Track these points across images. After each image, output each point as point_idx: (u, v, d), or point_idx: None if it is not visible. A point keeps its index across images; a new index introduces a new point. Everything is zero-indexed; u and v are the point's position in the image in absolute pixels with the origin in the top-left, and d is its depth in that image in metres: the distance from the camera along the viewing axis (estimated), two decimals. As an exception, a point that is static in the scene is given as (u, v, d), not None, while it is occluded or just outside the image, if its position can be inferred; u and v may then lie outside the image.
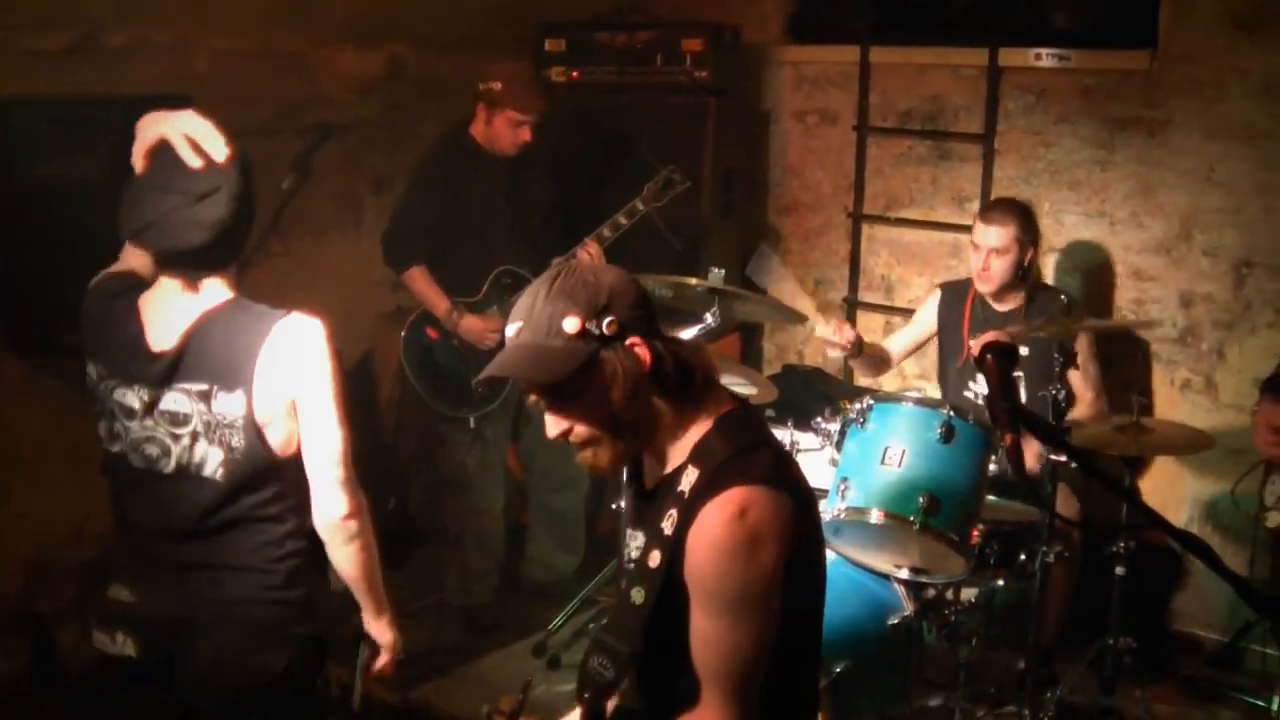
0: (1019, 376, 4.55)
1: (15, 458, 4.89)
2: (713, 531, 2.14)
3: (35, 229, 4.46)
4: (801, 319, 5.00)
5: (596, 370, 2.20)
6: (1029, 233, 4.56)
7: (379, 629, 3.09)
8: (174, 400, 2.70)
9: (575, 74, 5.78)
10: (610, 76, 5.71)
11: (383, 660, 3.12)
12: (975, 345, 2.20)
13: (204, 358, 2.67)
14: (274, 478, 2.74)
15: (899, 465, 3.73)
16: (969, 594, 4.14)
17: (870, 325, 5.85)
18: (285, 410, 2.67)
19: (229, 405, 2.65)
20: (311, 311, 2.77)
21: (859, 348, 4.59)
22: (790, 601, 2.21)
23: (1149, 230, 5.10)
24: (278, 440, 2.69)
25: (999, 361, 2.14)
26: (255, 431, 2.66)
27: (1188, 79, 4.93)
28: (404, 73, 5.77)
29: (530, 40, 5.90)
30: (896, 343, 4.98)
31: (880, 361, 4.89)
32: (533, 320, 2.21)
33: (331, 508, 2.76)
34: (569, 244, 4.93)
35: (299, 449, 2.73)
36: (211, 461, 2.70)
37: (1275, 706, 4.34)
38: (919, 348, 4.99)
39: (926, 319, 4.89)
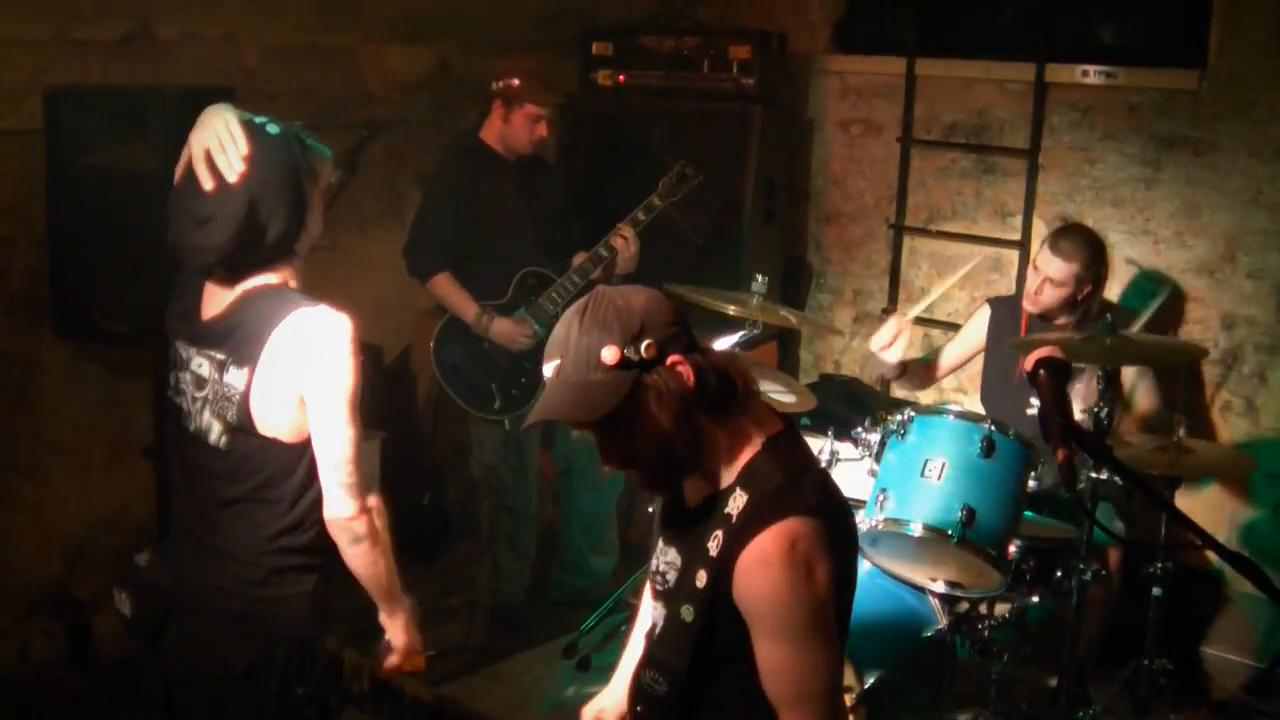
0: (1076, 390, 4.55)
1: (57, 442, 4.95)
2: (767, 563, 2.17)
3: (84, 217, 4.49)
4: (838, 331, 5.01)
5: (642, 396, 2.20)
6: (1093, 269, 4.47)
7: (392, 630, 3.08)
8: (199, 363, 2.75)
9: (622, 78, 5.80)
10: (657, 81, 5.74)
11: (391, 661, 3.11)
12: (1028, 360, 2.19)
13: (229, 330, 2.70)
14: (269, 461, 2.71)
15: (938, 478, 3.74)
16: (1003, 609, 4.14)
17: (910, 337, 5.83)
18: (293, 401, 2.65)
19: (235, 379, 2.66)
20: (346, 308, 2.78)
21: (903, 369, 4.61)
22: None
23: (1193, 250, 5.08)
24: (275, 426, 2.66)
25: (1052, 377, 2.15)
26: (246, 410, 2.65)
27: (1236, 99, 4.90)
28: (450, 72, 5.81)
29: (577, 43, 5.93)
30: (943, 358, 4.95)
31: (923, 379, 4.89)
32: (570, 356, 2.20)
33: (336, 507, 2.72)
34: (589, 242, 4.95)
35: (307, 441, 2.69)
36: (214, 430, 2.73)
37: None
38: (964, 363, 4.97)
39: (975, 334, 4.86)
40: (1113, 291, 5.00)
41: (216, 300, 2.76)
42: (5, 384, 4.79)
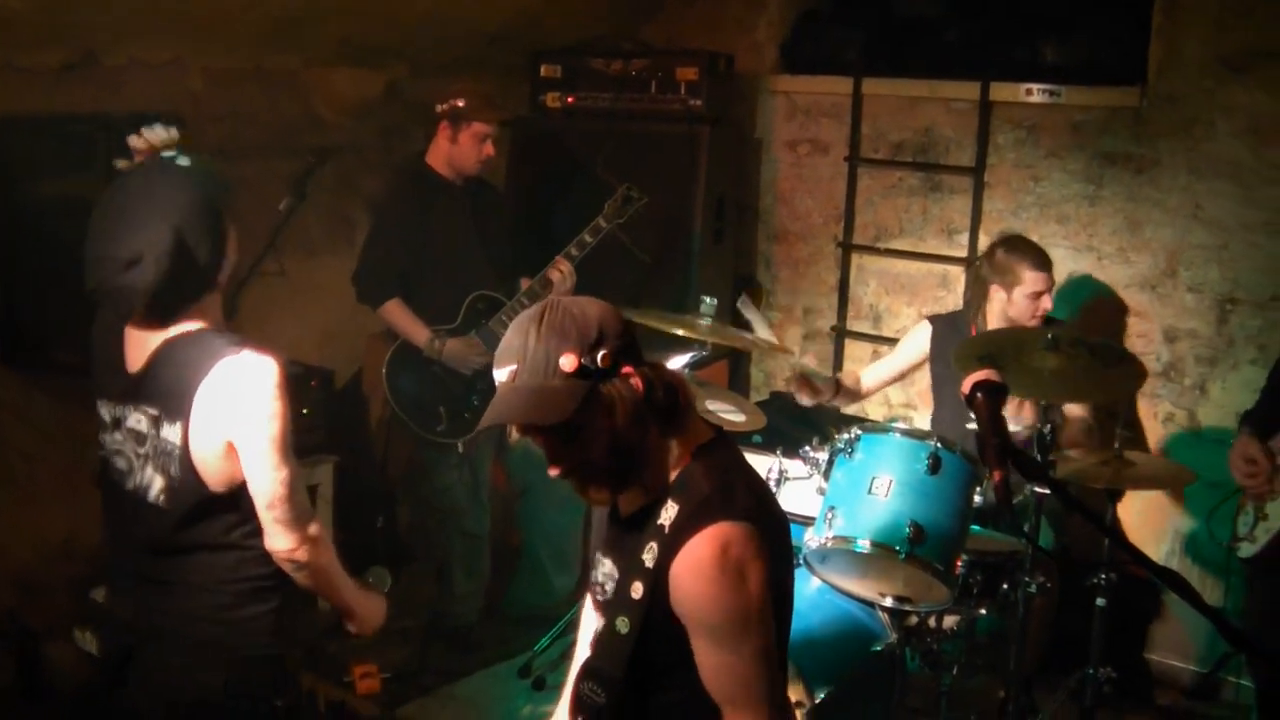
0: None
1: (6, 471, 4.92)
2: (700, 568, 2.22)
3: (30, 245, 4.49)
4: (787, 351, 5.06)
5: (597, 404, 2.25)
6: None
7: (355, 625, 3.13)
8: (136, 420, 2.74)
9: (570, 99, 5.83)
10: (605, 103, 5.76)
11: (353, 627, 3.14)
12: (965, 383, 2.24)
13: (158, 383, 2.70)
14: (222, 509, 2.73)
15: (886, 495, 3.77)
16: (951, 621, 4.18)
17: (858, 354, 5.91)
18: (222, 449, 2.65)
19: (170, 434, 2.67)
20: (295, 333, 2.80)
21: (834, 391, 4.70)
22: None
23: (1135, 266, 5.17)
24: (215, 476, 2.68)
25: (989, 399, 2.20)
26: (189, 464, 2.66)
27: (1176, 117, 4.99)
28: (399, 95, 5.82)
29: (525, 65, 5.95)
30: (873, 375, 5.03)
31: (853, 395, 4.97)
32: (527, 362, 2.24)
33: (275, 542, 2.73)
34: (537, 265, 4.98)
35: (241, 486, 2.71)
36: (155, 487, 2.73)
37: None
38: (898, 379, 5.04)
39: (912, 351, 4.93)
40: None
41: (140, 348, 2.75)
42: (-47, 414, 4.77)
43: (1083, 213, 5.27)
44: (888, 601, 3.95)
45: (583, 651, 2.73)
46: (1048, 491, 3.91)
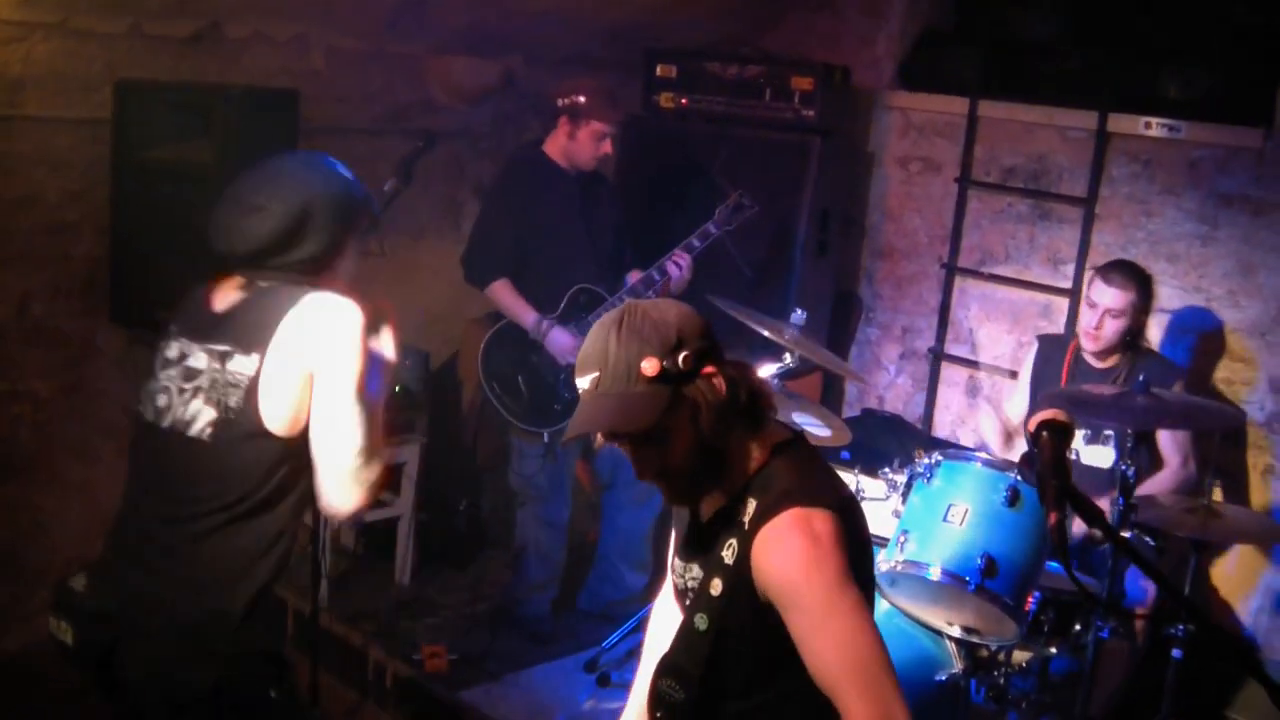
0: (1109, 436, 4.53)
1: (108, 422, 5.07)
2: (781, 540, 2.21)
3: (145, 207, 4.62)
4: (859, 378, 5.04)
5: (680, 407, 2.25)
6: (1145, 300, 4.55)
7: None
8: (198, 357, 2.77)
9: (684, 101, 5.84)
10: (718, 107, 5.77)
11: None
12: (1031, 421, 2.21)
13: (236, 324, 2.75)
14: (266, 453, 2.68)
15: (961, 524, 3.73)
16: (1021, 657, 4.12)
17: (953, 377, 5.84)
18: (299, 381, 2.65)
19: (241, 365, 2.68)
20: (384, 303, 2.86)
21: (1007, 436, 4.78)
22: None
23: (1245, 311, 5.04)
24: (278, 411, 2.66)
25: (1053, 438, 2.17)
26: (254, 394, 2.65)
27: (1300, 161, 4.87)
28: (514, 85, 5.87)
29: (640, 64, 5.98)
30: (1016, 408, 4.95)
31: (1017, 431, 4.91)
32: (609, 368, 2.24)
33: (337, 499, 2.72)
34: (641, 262, 5.00)
35: (301, 436, 2.68)
36: (200, 420, 2.70)
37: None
38: None
39: (1029, 371, 4.88)
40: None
41: (228, 294, 2.83)
42: (61, 364, 4.92)
43: (1194, 252, 5.15)
44: (955, 631, 3.91)
45: (652, 650, 2.74)
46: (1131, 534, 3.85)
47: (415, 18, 5.15)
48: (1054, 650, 4.00)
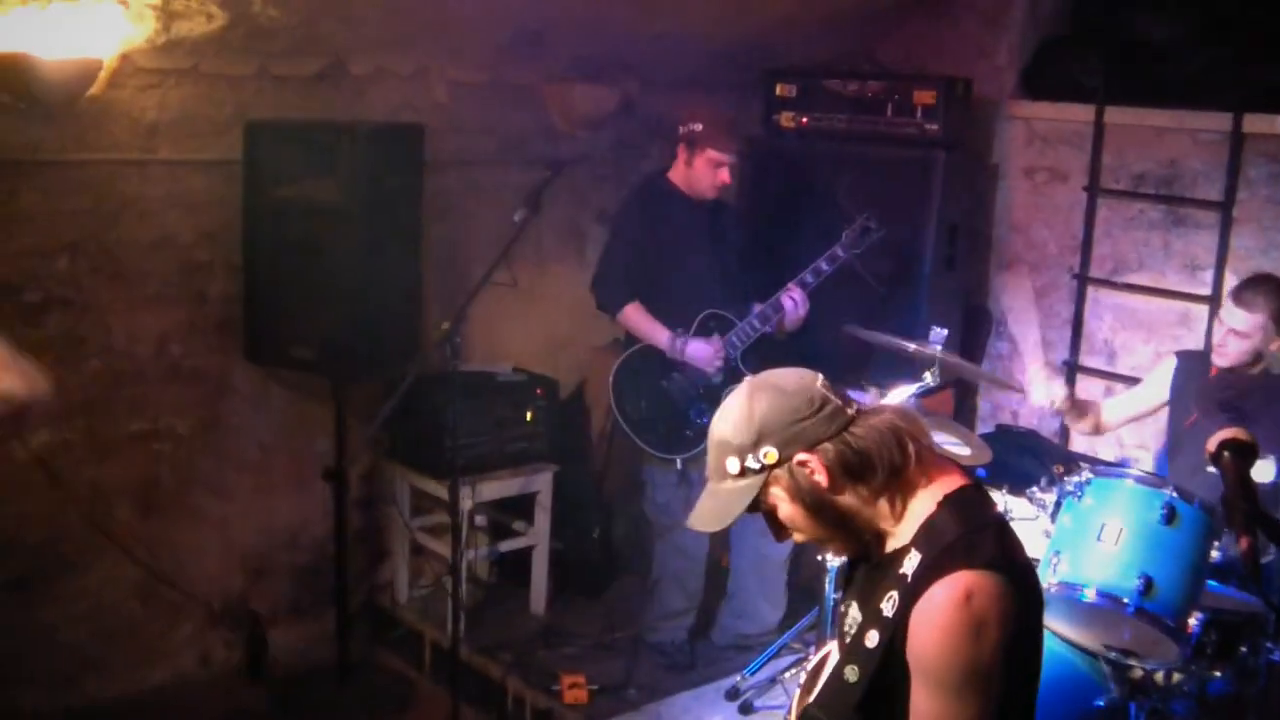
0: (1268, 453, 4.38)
1: (243, 459, 5.17)
2: (938, 614, 2.15)
3: (276, 246, 4.70)
4: (1015, 388, 4.93)
5: (769, 495, 2.29)
6: None
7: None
8: None
9: (805, 120, 5.79)
10: (840, 125, 5.71)
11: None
12: (1211, 442, 2.13)
13: None
14: None
15: (1116, 544, 3.63)
16: (1178, 679, 3.99)
17: (1090, 391, 5.69)
18: None
19: None
20: (523, 341, 2.84)
21: (1071, 404, 4.56)
22: (1007, 684, 2.19)
23: (1394, 311, 4.85)
24: None
25: (1236, 459, 2.09)
26: None
27: None
28: (633, 110, 5.88)
29: (758, 84, 5.94)
30: (1115, 411, 4.82)
31: (1095, 423, 4.77)
32: (711, 463, 2.33)
33: None
34: (770, 288, 4.94)
35: None
36: None
37: None
38: (1141, 418, 4.82)
39: (1157, 388, 4.70)
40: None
41: None
42: (198, 402, 5.01)
43: (1339, 255, 4.99)
44: (1112, 655, 3.80)
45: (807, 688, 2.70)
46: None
47: (532, 47, 5.18)
48: (1218, 674, 3.86)
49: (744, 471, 2.27)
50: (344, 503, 4.95)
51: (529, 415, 5.44)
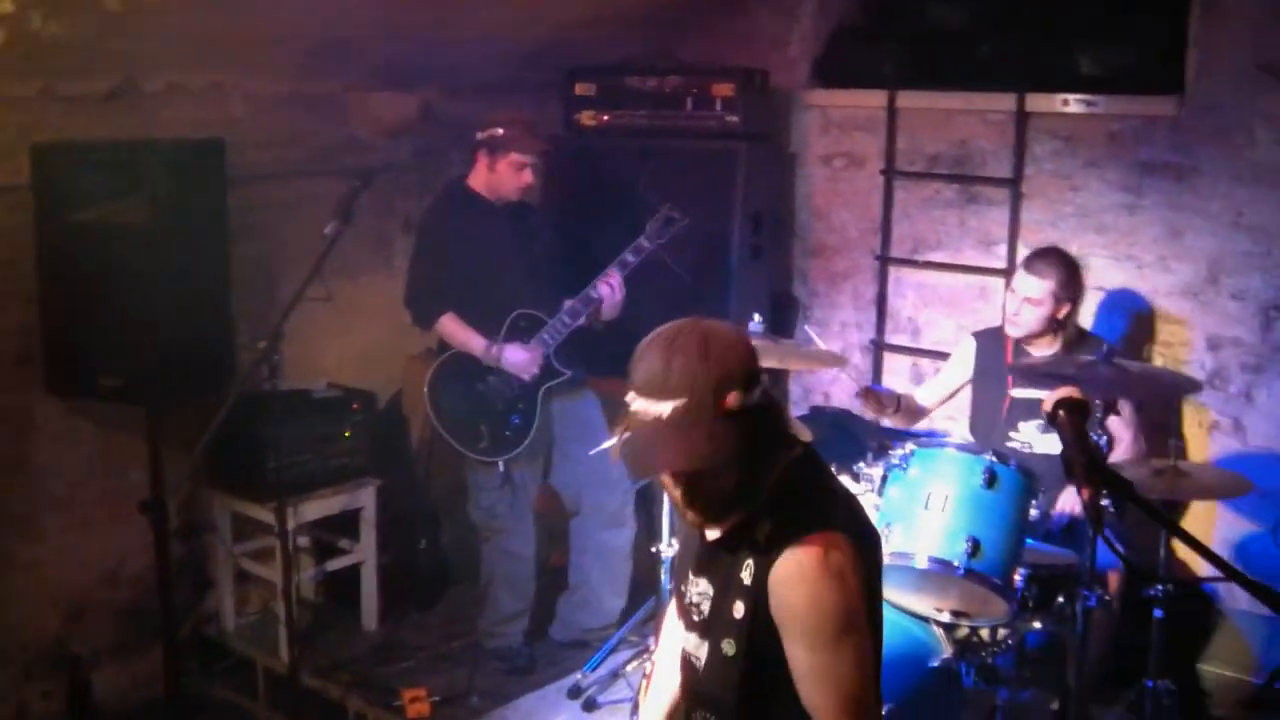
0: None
1: (52, 498, 4.95)
2: (799, 572, 2.20)
3: (75, 272, 4.51)
4: (841, 362, 5.06)
5: (745, 438, 2.20)
6: (1068, 289, 4.59)
7: None
8: None
9: (606, 118, 5.83)
10: (641, 121, 5.77)
11: None
12: (1047, 401, 2.23)
13: None
14: None
15: (943, 510, 3.77)
16: (1001, 635, 4.16)
17: (897, 367, 5.90)
18: None
19: None
20: (339, 355, 2.77)
21: (896, 405, 4.68)
22: (872, 632, 2.31)
23: (1176, 274, 5.14)
24: None
25: (1072, 416, 2.18)
26: None
27: (1215, 125, 4.97)
28: (434, 116, 5.83)
29: (559, 84, 5.96)
30: (930, 394, 5.00)
31: (913, 417, 4.94)
32: (695, 397, 2.16)
33: None
34: (580, 285, 4.96)
35: None
36: None
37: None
38: (953, 395, 5.00)
39: (961, 368, 4.92)
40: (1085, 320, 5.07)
41: None
42: (1, 442, 4.78)
43: (1122, 222, 5.25)
44: (945, 617, 3.94)
45: (664, 671, 2.73)
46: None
47: (331, 56, 5.09)
48: (1038, 625, 4.04)
49: (740, 408, 2.18)
50: (164, 534, 4.78)
51: (347, 431, 5.36)
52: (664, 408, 2.17)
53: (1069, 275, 4.61)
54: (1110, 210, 5.26)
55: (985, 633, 4.11)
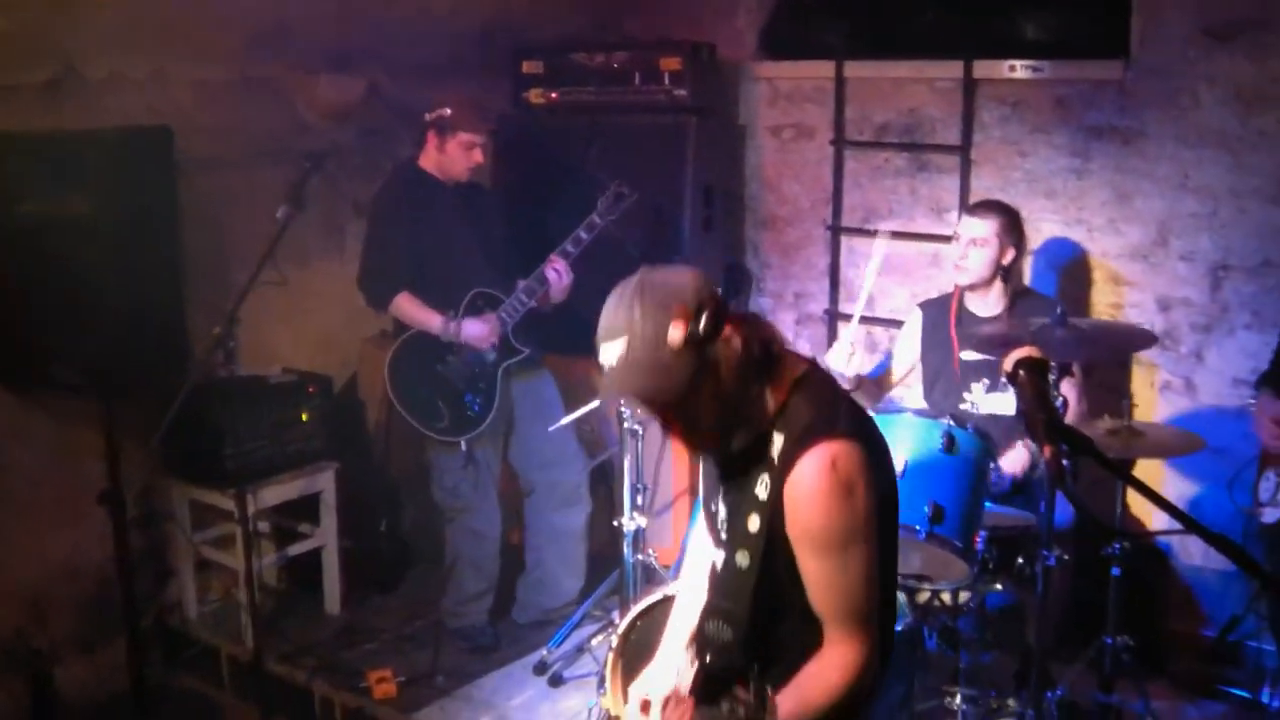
0: (1006, 383, 4.62)
1: (8, 492, 4.89)
2: (809, 484, 2.31)
3: (22, 264, 4.45)
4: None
5: (705, 368, 2.32)
6: (1011, 233, 4.62)
7: None
8: None
9: (554, 95, 5.82)
10: (589, 97, 5.76)
11: None
12: (1007, 361, 2.25)
13: None
14: None
15: (902, 475, 3.79)
16: (962, 598, 4.20)
17: (862, 346, 5.90)
18: None
19: None
20: (294, 340, 2.75)
21: (858, 382, 4.70)
22: (882, 540, 2.41)
23: (1126, 236, 5.20)
24: None
25: (1032, 375, 2.21)
26: None
27: (1161, 88, 5.02)
28: (380, 98, 5.79)
29: (507, 63, 5.94)
30: (891, 372, 5.01)
31: (875, 394, 4.95)
32: (639, 336, 2.30)
33: None
34: (533, 263, 4.95)
35: None
36: None
37: (1266, 698, 4.44)
38: (911, 370, 5.00)
39: (911, 341, 4.93)
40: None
41: None
42: (-48, 439, 4.72)
43: (1071, 186, 5.29)
44: (908, 582, 3.97)
45: (687, 586, 2.81)
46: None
47: (275, 40, 5.05)
48: (998, 586, 4.09)
49: (688, 338, 2.29)
50: (123, 525, 4.74)
51: (304, 415, 5.33)
52: (614, 349, 2.34)
53: (1011, 220, 4.65)
54: (1059, 175, 5.31)
55: (947, 596, 4.15)
